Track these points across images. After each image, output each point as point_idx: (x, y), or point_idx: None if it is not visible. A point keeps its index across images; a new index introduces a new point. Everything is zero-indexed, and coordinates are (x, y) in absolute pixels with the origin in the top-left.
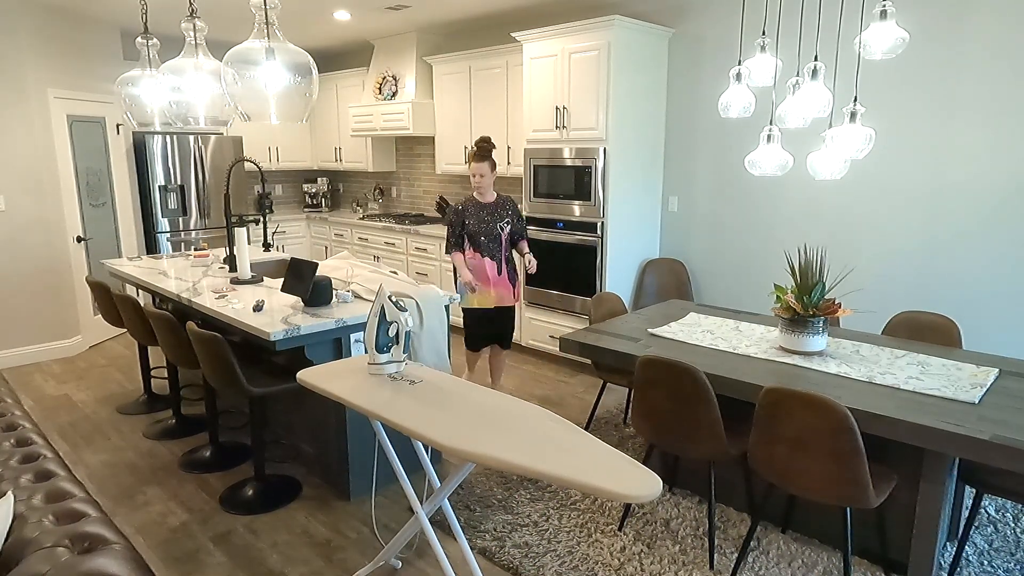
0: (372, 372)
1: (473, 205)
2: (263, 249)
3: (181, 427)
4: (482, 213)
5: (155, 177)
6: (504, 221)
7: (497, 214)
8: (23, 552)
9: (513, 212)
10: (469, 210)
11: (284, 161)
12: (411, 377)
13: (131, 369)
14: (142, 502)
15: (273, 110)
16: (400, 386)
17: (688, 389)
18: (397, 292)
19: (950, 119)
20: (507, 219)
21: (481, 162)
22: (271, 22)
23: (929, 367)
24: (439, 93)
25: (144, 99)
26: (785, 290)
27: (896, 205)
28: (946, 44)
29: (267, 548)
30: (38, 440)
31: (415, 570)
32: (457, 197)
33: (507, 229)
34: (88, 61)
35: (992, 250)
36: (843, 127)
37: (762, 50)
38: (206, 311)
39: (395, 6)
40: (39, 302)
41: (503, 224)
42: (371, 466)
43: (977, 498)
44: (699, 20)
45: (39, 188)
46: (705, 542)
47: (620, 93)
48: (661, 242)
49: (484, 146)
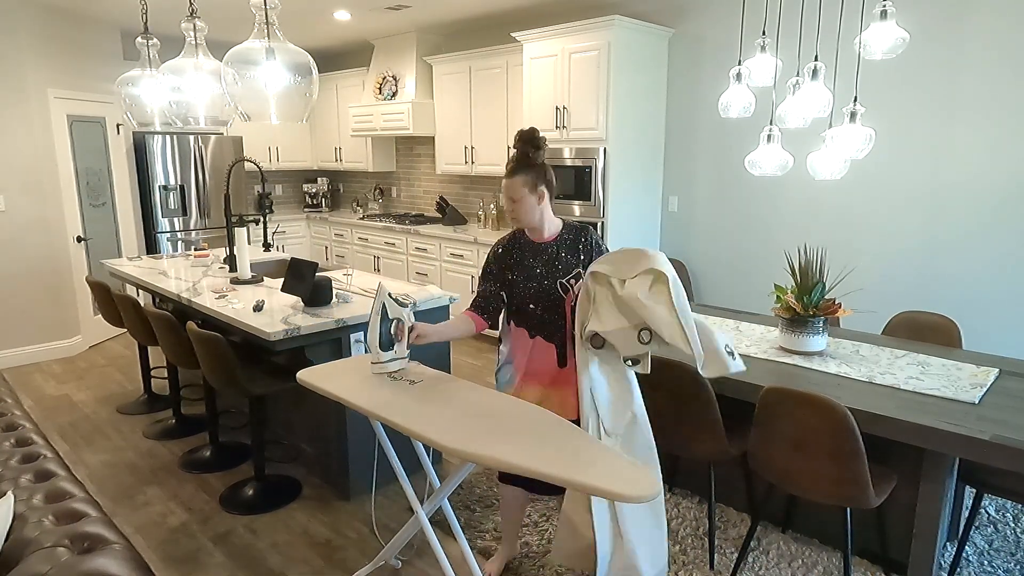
0: (375, 371)
1: (520, 247)
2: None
3: (181, 427)
4: (532, 261)
5: (155, 177)
6: (571, 275)
7: (557, 262)
8: (23, 552)
9: (587, 254)
10: (514, 256)
11: (284, 161)
12: (411, 377)
13: (131, 369)
14: (142, 502)
15: (273, 110)
16: (400, 386)
17: (688, 389)
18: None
19: (950, 119)
20: (576, 269)
21: (511, 177)
22: (271, 22)
23: (929, 367)
24: (439, 93)
25: (144, 99)
26: (785, 290)
27: (896, 205)
28: (946, 44)
29: (267, 548)
30: (38, 440)
31: (415, 570)
32: (458, 197)
33: (577, 286)
34: (88, 61)
35: (992, 250)
36: (843, 127)
37: (762, 50)
38: (206, 311)
39: (395, 6)
40: (39, 302)
41: (569, 280)
42: (371, 466)
43: (977, 498)
44: (699, 20)
45: (39, 188)
46: (705, 542)
47: (620, 93)
48: (661, 242)
49: (520, 149)
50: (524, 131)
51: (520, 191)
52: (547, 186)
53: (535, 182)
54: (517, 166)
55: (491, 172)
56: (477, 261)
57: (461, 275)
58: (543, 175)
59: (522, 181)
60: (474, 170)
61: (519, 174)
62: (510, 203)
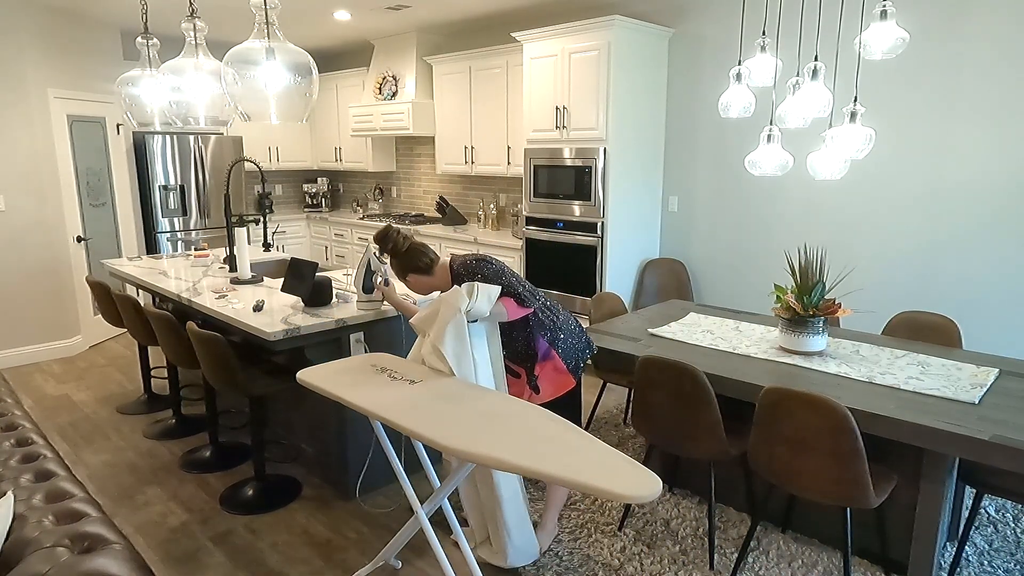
0: (361, 308)
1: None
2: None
3: (181, 427)
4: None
5: (155, 177)
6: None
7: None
8: (23, 552)
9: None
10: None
11: (284, 161)
12: (410, 376)
13: (131, 369)
14: (142, 502)
15: (273, 110)
16: (400, 386)
17: (688, 389)
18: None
19: (950, 119)
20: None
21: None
22: (271, 22)
23: (929, 367)
24: (439, 93)
25: (144, 99)
26: (785, 290)
27: (896, 205)
28: (946, 44)
29: (267, 548)
30: (38, 440)
31: (415, 570)
32: (458, 197)
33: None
34: (88, 61)
35: (992, 250)
36: (843, 127)
37: (762, 50)
38: (206, 311)
39: (395, 6)
40: (39, 302)
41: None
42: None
43: (977, 498)
44: (699, 20)
45: (39, 188)
46: (705, 542)
47: (620, 93)
48: (661, 242)
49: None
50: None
51: (408, 280)
52: (415, 270)
53: (406, 267)
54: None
55: (491, 172)
56: None
57: None
58: (408, 263)
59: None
60: (474, 170)
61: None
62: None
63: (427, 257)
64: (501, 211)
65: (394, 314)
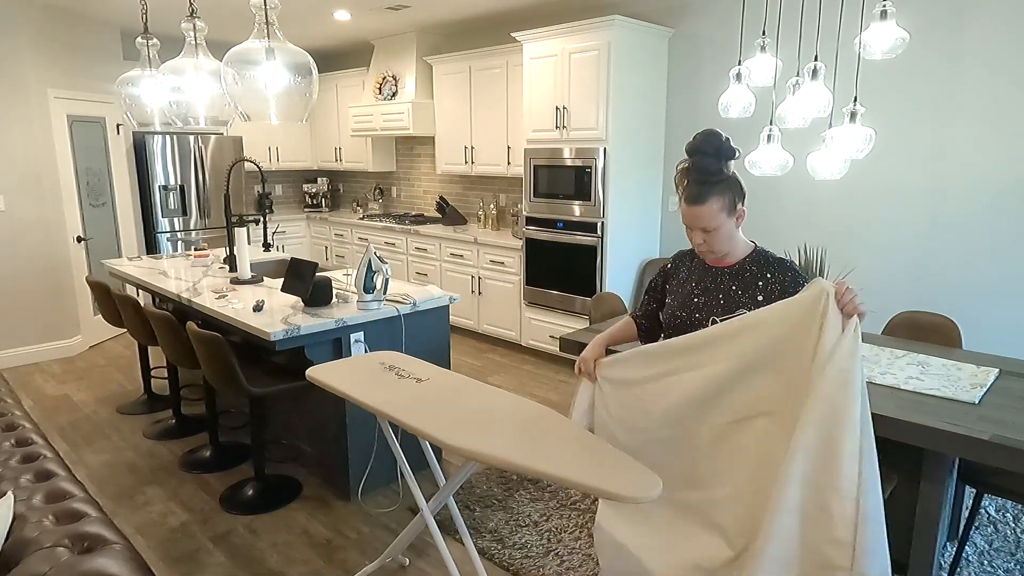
0: (360, 308)
1: (691, 266)
2: (263, 249)
3: (181, 427)
4: (694, 286)
5: (155, 177)
6: (737, 312)
7: (720, 294)
8: (23, 552)
9: (766, 297)
10: (682, 275)
11: (284, 161)
12: (417, 375)
13: (131, 369)
14: (142, 502)
15: (273, 110)
16: (406, 384)
17: None
18: None
19: (950, 119)
20: (740, 310)
21: (701, 204)
22: (271, 22)
23: (929, 367)
24: (439, 93)
25: (144, 99)
26: None
27: (896, 205)
28: (946, 44)
29: (267, 548)
30: (38, 440)
31: (417, 570)
32: (458, 197)
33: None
34: (88, 61)
35: (992, 250)
36: (843, 127)
37: (762, 50)
38: (206, 311)
39: (395, 6)
40: (39, 302)
41: (727, 318)
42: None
43: (977, 498)
44: (699, 20)
45: (39, 188)
46: None
47: (620, 93)
48: (661, 242)
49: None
50: (702, 138)
51: (718, 218)
52: (743, 201)
53: (734, 201)
54: (704, 187)
55: (491, 172)
56: (477, 261)
57: (461, 275)
58: (739, 188)
59: (719, 205)
60: (474, 170)
61: (712, 196)
62: (701, 234)
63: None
64: (501, 211)
65: (394, 314)
